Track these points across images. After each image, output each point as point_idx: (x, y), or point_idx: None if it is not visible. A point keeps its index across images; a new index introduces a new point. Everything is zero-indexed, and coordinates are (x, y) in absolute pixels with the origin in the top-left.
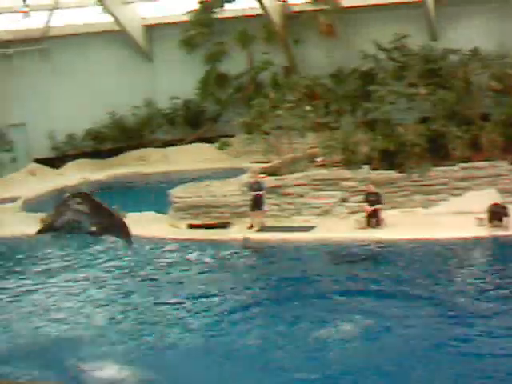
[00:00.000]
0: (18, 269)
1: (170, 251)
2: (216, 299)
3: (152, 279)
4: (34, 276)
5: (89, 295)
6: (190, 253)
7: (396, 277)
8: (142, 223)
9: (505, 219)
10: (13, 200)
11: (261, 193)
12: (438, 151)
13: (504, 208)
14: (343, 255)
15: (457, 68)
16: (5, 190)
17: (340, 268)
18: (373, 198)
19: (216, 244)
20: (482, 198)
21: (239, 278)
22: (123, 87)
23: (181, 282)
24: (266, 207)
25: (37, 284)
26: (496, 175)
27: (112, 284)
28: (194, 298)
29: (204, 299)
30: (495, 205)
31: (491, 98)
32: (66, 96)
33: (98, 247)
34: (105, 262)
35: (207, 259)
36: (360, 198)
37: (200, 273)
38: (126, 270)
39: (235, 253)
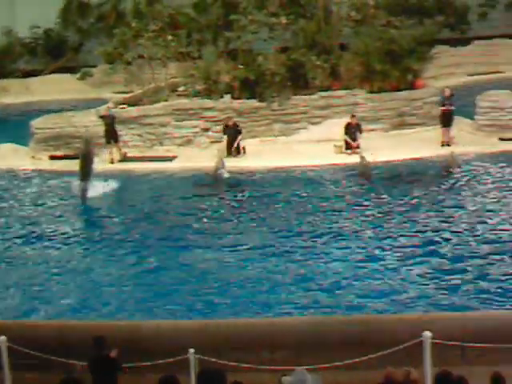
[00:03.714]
0: None
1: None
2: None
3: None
4: None
5: None
6: (50, 185)
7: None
8: (1, 155)
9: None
10: None
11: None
12: (298, 80)
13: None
14: (204, 184)
15: None
16: None
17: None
18: (232, 131)
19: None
20: (341, 126)
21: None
22: None
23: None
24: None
25: None
26: (354, 104)
27: None
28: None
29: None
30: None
31: (350, 28)
32: None
33: None
34: None
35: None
36: (220, 127)
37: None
38: None
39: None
